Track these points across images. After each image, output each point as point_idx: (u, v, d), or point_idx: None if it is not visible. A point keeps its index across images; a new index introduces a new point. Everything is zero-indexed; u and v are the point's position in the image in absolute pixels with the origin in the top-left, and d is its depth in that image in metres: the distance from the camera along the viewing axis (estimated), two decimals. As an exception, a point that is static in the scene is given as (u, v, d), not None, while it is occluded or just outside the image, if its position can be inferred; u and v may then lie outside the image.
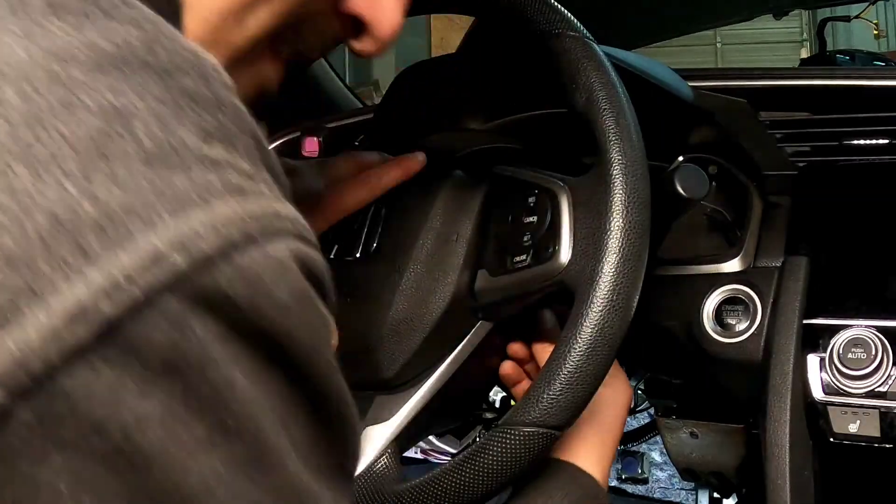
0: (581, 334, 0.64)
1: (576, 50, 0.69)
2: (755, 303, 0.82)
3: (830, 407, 0.76)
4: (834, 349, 0.75)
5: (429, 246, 0.74)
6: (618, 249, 0.64)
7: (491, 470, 0.65)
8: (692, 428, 1.07)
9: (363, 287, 0.75)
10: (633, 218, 0.65)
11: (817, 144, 0.88)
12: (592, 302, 0.64)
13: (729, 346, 0.82)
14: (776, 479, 0.77)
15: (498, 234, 0.74)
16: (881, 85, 0.87)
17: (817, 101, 0.89)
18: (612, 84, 0.68)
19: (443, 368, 0.74)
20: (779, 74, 0.91)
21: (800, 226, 0.83)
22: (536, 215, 0.70)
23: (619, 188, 0.65)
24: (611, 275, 0.64)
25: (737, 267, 0.85)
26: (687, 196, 0.75)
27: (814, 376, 0.76)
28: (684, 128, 0.92)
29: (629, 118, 0.68)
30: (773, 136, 0.89)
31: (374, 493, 0.70)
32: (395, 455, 0.72)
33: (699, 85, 0.90)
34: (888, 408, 0.73)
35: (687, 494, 1.50)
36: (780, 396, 0.78)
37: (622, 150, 0.66)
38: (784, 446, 0.77)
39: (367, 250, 0.76)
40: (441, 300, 0.72)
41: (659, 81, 0.84)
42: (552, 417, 0.64)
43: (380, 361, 0.74)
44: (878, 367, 0.74)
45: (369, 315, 0.74)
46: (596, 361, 0.64)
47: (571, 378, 0.64)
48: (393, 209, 0.76)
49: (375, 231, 0.76)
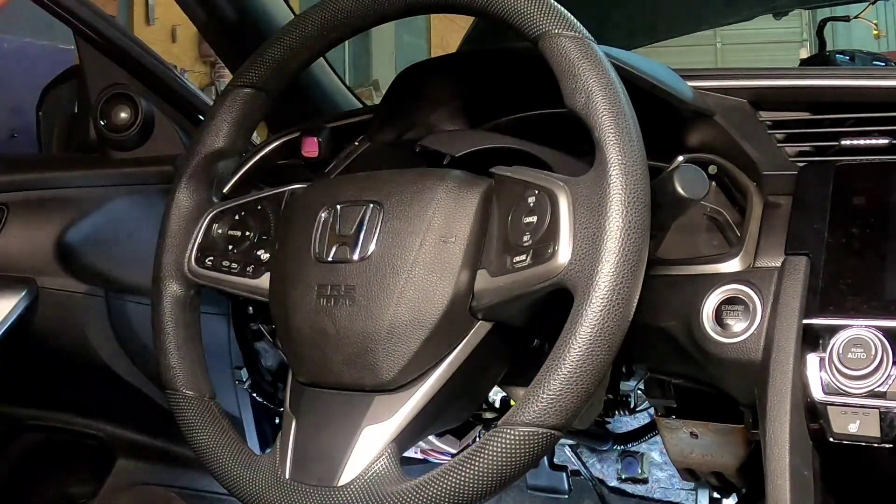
0: (580, 334, 0.64)
1: (575, 50, 0.69)
2: (755, 303, 0.82)
3: (830, 407, 0.76)
4: (834, 349, 0.75)
5: (427, 247, 0.74)
6: (617, 250, 0.64)
7: (490, 469, 0.65)
8: (692, 428, 1.07)
9: (362, 289, 0.75)
10: (633, 218, 0.65)
11: (817, 144, 0.88)
12: (592, 302, 0.64)
13: (729, 346, 0.82)
14: (776, 479, 0.77)
15: (497, 234, 0.74)
16: (881, 85, 0.87)
17: (817, 101, 0.89)
18: (611, 84, 0.68)
19: (442, 369, 0.74)
20: (779, 74, 0.91)
21: (800, 226, 0.83)
22: (536, 215, 0.70)
23: (618, 188, 0.65)
24: (610, 275, 0.64)
25: (736, 267, 0.85)
26: (686, 196, 0.75)
27: (813, 376, 0.76)
28: (684, 128, 0.92)
29: (629, 118, 0.68)
30: (773, 136, 0.89)
31: (373, 493, 0.70)
32: (395, 455, 0.72)
33: (699, 85, 0.90)
34: (888, 408, 0.73)
35: (687, 494, 1.50)
36: (779, 396, 0.78)
37: (622, 150, 0.66)
38: (784, 446, 0.77)
39: (365, 252, 0.76)
40: (440, 301, 0.72)
41: (659, 81, 0.84)
42: (551, 417, 0.64)
43: (379, 363, 0.74)
44: (878, 367, 0.73)
45: (368, 317, 0.74)
46: (595, 361, 0.64)
47: (570, 378, 0.64)
48: (391, 210, 0.76)
49: (373, 233, 0.76)
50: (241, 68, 0.86)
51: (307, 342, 0.77)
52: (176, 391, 0.83)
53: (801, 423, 0.77)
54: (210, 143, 0.86)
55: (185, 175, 0.87)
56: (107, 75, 1.37)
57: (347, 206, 0.79)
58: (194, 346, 0.85)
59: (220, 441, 0.81)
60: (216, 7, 1.37)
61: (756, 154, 0.89)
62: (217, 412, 0.83)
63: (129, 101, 1.36)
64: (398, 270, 0.74)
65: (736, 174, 0.91)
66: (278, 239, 0.84)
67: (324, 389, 0.78)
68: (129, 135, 1.36)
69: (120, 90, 1.37)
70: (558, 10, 0.71)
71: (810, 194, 0.84)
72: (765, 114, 0.90)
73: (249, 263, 0.85)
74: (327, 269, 0.77)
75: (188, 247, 0.86)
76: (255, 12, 1.39)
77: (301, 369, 0.80)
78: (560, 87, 0.70)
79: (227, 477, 0.79)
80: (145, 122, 1.36)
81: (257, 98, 0.86)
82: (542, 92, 0.81)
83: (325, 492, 0.72)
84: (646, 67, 0.83)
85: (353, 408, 0.75)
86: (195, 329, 0.86)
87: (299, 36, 0.83)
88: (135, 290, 1.14)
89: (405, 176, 0.79)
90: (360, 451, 0.73)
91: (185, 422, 0.83)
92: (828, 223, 0.82)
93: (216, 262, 0.85)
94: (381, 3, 0.78)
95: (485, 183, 0.76)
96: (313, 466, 0.75)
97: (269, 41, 0.85)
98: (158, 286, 0.85)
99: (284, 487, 0.75)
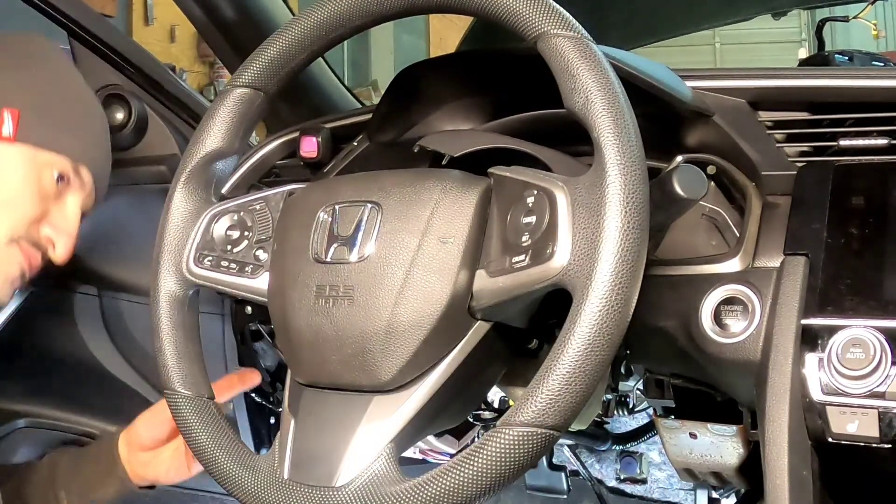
0: (579, 334, 0.64)
1: (574, 50, 0.69)
2: (754, 303, 0.82)
3: (829, 407, 0.75)
4: (833, 349, 0.75)
5: (426, 247, 0.73)
6: (616, 250, 0.64)
7: (488, 470, 0.65)
8: (691, 428, 1.07)
9: (361, 289, 0.75)
10: (632, 218, 0.65)
11: (816, 145, 0.88)
12: (590, 302, 0.64)
13: (727, 346, 0.82)
14: (775, 479, 0.77)
15: (496, 234, 0.74)
16: (880, 85, 0.87)
17: (816, 102, 0.89)
18: (610, 85, 0.68)
19: (441, 369, 0.74)
20: (778, 74, 0.91)
21: (799, 226, 0.83)
22: (535, 215, 0.70)
23: (617, 189, 0.65)
24: (609, 275, 0.64)
25: (735, 267, 0.85)
26: (685, 196, 0.75)
27: (812, 376, 0.76)
28: (683, 128, 0.92)
29: (627, 119, 0.68)
30: (772, 136, 0.89)
31: (371, 493, 0.70)
32: (393, 455, 0.72)
33: (698, 85, 0.90)
34: (887, 408, 0.73)
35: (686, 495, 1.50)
36: (778, 397, 0.78)
37: (620, 150, 0.66)
38: (783, 446, 0.77)
39: (363, 252, 0.76)
40: (439, 301, 0.72)
41: (658, 82, 0.84)
42: (549, 417, 0.64)
43: (378, 363, 0.73)
44: (877, 367, 0.73)
45: (367, 317, 0.74)
46: (594, 362, 0.64)
47: (569, 378, 0.64)
48: (390, 210, 0.76)
49: (372, 233, 0.76)
50: (240, 68, 0.86)
51: (306, 342, 0.77)
52: (174, 391, 0.83)
53: (799, 424, 0.77)
54: (208, 144, 0.86)
55: (183, 175, 0.87)
56: (100, 76, 1.37)
57: (346, 207, 0.78)
58: (192, 347, 0.85)
59: (219, 441, 0.81)
60: (214, 7, 1.37)
61: (755, 154, 0.89)
62: (215, 412, 0.83)
63: (123, 101, 1.36)
64: (397, 271, 0.73)
65: (735, 174, 0.91)
66: (277, 239, 0.84)
67: (322, 390, 0.78)
68: (122, 135, 1.36)
69: (113, 91, 1.37)
70: (557, 10, 0.71)
71: (809, 194, 0.84)
72: (764, 114, 0.90)
73: (248, 263, 0.85)
74: (326, 270, 0.77)
75: (186, 247, 0.86)
76: (253, 12, 1.39)
77: (299, 369, 0.80)
78: (559, 87, 0.70)
79: (226, 477, 0.79)
80: (139, 123, 1.36)
81: (256, 98, 0.86)
82: (542, 92, 0.81)
83: (323, 492, 0.72)
84: (645, 67, 0.83)
85: (352, 408, 0.75)
86: (193, 329, 0.86)
87: (298, 36, 0.83)
88: (128, 289, 1.14)
89: (404, 176, 0.79)
90: (358, 451, 0.73)
91: (184, 422, 0.83)
92: (827, 223, 0.82)
93: (215, 262, 0.85)
94: (380, 3, 0.78)
95: (483, 183, 0.76)
96: (312, 467, 0.74)
97: (268, 41, 0.84)
98: (156, 286, 0.85)
99: (283, 488, 0.75)
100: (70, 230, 1.06)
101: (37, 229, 1.04)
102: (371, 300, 0.74)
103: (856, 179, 0.84)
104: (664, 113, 0.88)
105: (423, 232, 0.74)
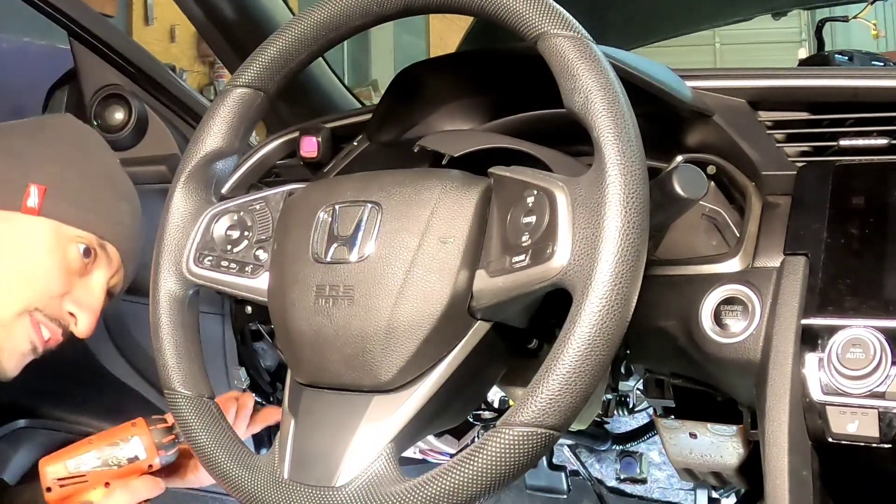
0: (579, 334, 0.64)
1: (574, 50, 0.69)
2: (754, 303, 0.82)
3: (829, 407, 0.75)
4: (833, 349, 0.75)
5: (426, 247, 0.73)
6: (616, 250, 0.64)
7: (488, 469, 0.65)
8: (691, 428, 1.07)
9: (361, 289, 0.75)
10: (632, 218, 0.65)
11: (816, 144, 0.88)
12: (590, 302, 0.64)
13: (727, 346, 0.82)
14: (775, 480, 0.77)
15: (496, 234, 0.74)
16: (879, 85, 0.87)
17: (816, 102, 0.89)
18: (610, 85, 0.68)
19: (441, 369, 0.74)
20: (778, 74, 0.91)
21: (799, 226, 0.83)
22: (535, 215, 0.70)
23: (617, 189, 0.65)
24: (609, 275, 0.64)
25: (735, 267, 0.85)
26: (685, 196, 0.75)
27: (812, 376, 0.76)
28: (683, 128, 0.92)
29: (627, 119, 0.68)
30: (772, 136, 0.89)
31: (371, 493, 0.70)
32: (393, 455, 0.72)
33: (698, 85, 0.90)
34: (887, 408, 0.73)
35: (685, 494, 1.50)
36: (778, 397, 0.78)
37: (620, 150, 0.66)
38: (783, 446, 0.77)
39: (363, 252, 0.76)
40: (439, 301, 0.72)
41: (658, 81, 0.84)
42: (549, 417, 0.64)
43: (378, 363, 0.73)
44: (877, 367, 0.73)
45: (367, 317, 0.74)
46: (593, 361, 0.64)
47: (569, 378, 0.64)
48: (390, 210, 0.76)
49: (372, 233, 0.76)
50: (240, 68, 0.86)
51: (306, 342, 0.77)
52: (174, 391, 0.83)
53: (799, 424, 0.77)
54: (208, 144, 0.86)
55: (183, 175, 0.87)
56: (101, 76, 1.37)
57: (346, 207, 0.78)
58: (193, 346, 0.85)
59: (219, 441, 0.81)
60: (214, 7, 1.37)
61: (755, 154, 0.89)
62: (216, 412, 0.83)
63: (123, 101, 1.37)
64: (397, 271, 0.73)
65: (735, 174, 0.91)
66: (277, 239, 0.84)
67: (322, 390, 0.78)
68: (123, 135, 1.36)
69: (114, 91, 1.37)
70: (557, 10, 0.71)
71: (809, 194, 0.84)
72: (764, 114, 0.90)
73: (248, 263, 0.85)
74: (326, 270, 0.77)
75: (187, 247, 0.86)
76: (253, 12, 1.39)
77: (299, 369, 0.80)
78: (559, 87, 0.70)
79: (226, 477, 0.79)
80: (139, 123, 1.37)
81: (256, 98, 0.86)
82: (542, 92, 0.81)
83: (323, 492, 0.72)
84: (645, 67, 0.83)
85: (352, 408, 0.75)
86: (193, 329, 0.86)
87: (298, 36, 0.83)
88: (129, 289, 1.14)
89: (404, 176, 0.79)
90: (358, 451, 0.73)
91: (184, 422, 0.83)
92: (827, 223, 0.82)
93: (215, 262, 0.85)
94: (380, 3, 0.78)
95: (483, 183, 0.76)
96: (312, 466, 0.74)
97: (268, 41, 0.84)
98: (157, 286, 0.85)
99: (283, 487, 0.75)
100: (94, 306, 1.05)
101: (59, 304, 1.03)
102: (371, 300, 0.74)
103: (856, 179, 0.84)
104: (664, 113, 0.88)
105: (423, 232, 0.74)
